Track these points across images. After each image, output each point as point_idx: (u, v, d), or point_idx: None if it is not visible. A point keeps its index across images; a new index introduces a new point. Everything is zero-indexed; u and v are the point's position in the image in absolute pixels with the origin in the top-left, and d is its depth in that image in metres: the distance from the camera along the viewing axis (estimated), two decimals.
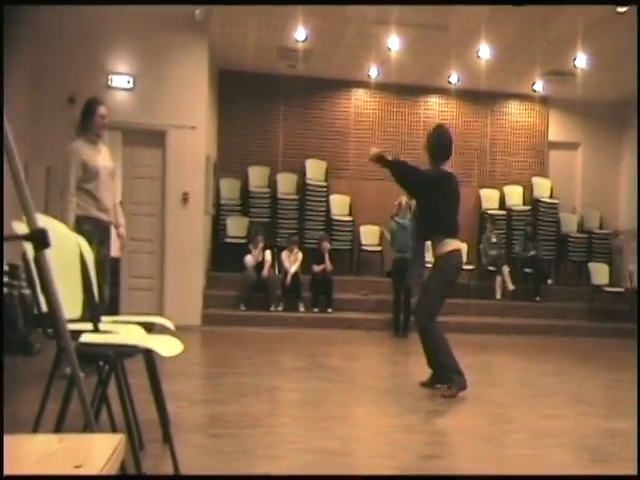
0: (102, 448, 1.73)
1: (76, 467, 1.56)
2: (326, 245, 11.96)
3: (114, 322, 4.12)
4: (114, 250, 7.03)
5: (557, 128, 14.95)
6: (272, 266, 11.75)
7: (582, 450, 4.70)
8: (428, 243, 6.79)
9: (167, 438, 3.61)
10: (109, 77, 10.53)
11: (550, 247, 14.06)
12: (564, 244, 14.19)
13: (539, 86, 13.68)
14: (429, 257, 7.07)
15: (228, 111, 13.73)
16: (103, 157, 6.44)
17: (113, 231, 6.69)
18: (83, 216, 6.22)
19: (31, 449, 1.81)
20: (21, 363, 6.79)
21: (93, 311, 3.72)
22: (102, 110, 6.39)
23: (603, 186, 14.90)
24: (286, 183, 13.66)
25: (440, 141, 6.56)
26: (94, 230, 6.17)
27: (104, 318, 4.04)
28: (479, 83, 13.39)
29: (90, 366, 3.75)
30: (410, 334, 10.37)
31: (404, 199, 10.61)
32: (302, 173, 13.74)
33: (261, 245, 11.69)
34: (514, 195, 14.49)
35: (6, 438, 1.76)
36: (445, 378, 6.34)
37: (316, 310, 11.50)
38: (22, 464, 1.65)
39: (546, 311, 12.65)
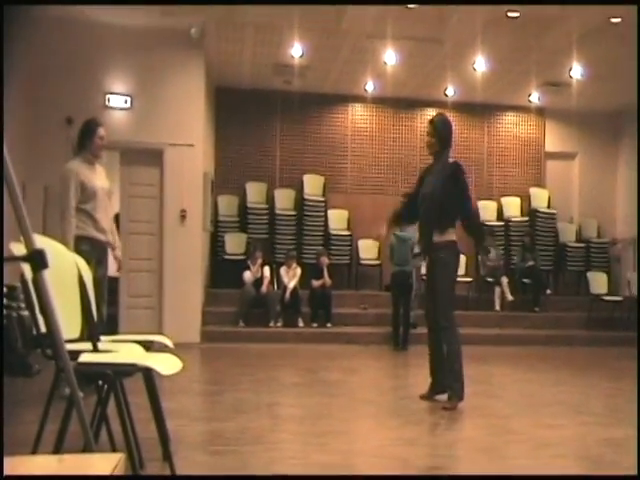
0: (101, 467, 1.74)
1: None
2: (324, 260, 11.95)
3: (113, 341, 4.13)
4: (112, 270, 7.03)
5: (554, 138, 15.00)
6: (271, 282, 11.75)
7: (583, 459, 4.71)
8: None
9: (167, 456, 3.61)
10: (106, 97, 10.58)
11: (548, 257, 14.07)
12: (562, 254, 14.20)
13: (535, 97, 13.74)
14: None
15: (225, 128, 13.78)
16: (100, 177, 6.47)
17: (110, 252, 6.71)
18: (81, 236, 6.24)
19: (30, 470, 1.82)
20: (20, 384, 6.78)
21: (92, 331, 3.73)
22: (101, 131, 6.43)
23: (600, 195, 14.93)
24: (284, 199, 13.69)
25: (445, 127, 6.59)
26: (92, 250, 6.18)
27: (103, 337, 4.05)
28: (475, 95, 13.44)
29: (89, 386, 3.76)
30: (409, 347, 10.37)
31: None
32: (300, 188, 13.78)
33: (259, 261, 11.70)
34: (512, 206, 14.52)
35: (5, 460, 1.77)
36: (445, 384, 6.32)
37: (315, 325, 11.49)
38: None
39: (545, 321, 12.65)
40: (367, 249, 13.49)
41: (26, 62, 9.86)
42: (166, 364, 3.33)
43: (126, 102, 10.65)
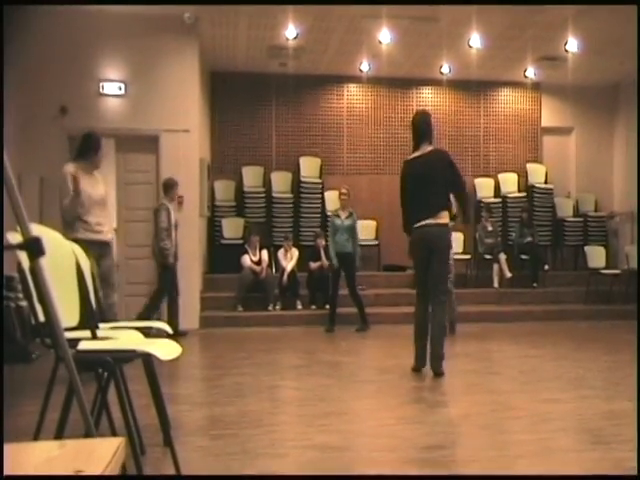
0: (102, 452, 1.75)
1: (77, 472, 1.59)
2: (322, 242, 11.92)
3: (112, 328, 4.14)
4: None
5: (550, 114, 14.96)
6: (269, 265, 11.75)
7: (583, 433, 4.75)
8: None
9: (168, 442, 3.63)
10: (100, 84, 10.52)
11: (546, 232, 14.07)
12: (560, 229, 14.21)
13: (531, 72, 13.67)
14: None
15: (221, 112, 13.75)
16: (96, 185, 6.86)
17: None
18: (74, 239, 6.33)
19: (31, 456, 1.83)
20: (20, 372, 6.81)
21: (90, 318, 3.74)
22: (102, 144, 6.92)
23: (597, 169, 14.93)
24: (280, 182, 13.67)
25: (412, 125, 7.16)
26: (88, 249, 6.25)
27: (102, 324, 4.07)
28: (471, 72, 13.41)
29: (88, 373, 3.78)
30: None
31: (344, 190, 10.75)
32: (296, 171, 13.75)
33: (257, 245, 11.68)
34: (509, 182, 14.51)
35: (7, 447, 1.78)
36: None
37: (314, 307, 11.49)
38: (22, 470, 1.68)
39: (544, 297, 12.67)
40: (364, 230, 13.48)
41: (19, 52, 9.83)
42: (165, 350, 3.34)
43: (120, 89, 10.60)
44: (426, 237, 6.67)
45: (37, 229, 2.76)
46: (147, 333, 4.05)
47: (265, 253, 11.69)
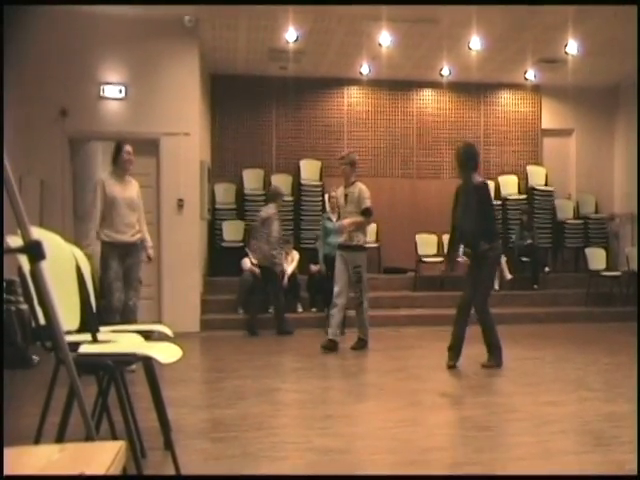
0: (103, 455, 1.76)
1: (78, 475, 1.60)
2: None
3: (113, 331, 4.15)
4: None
5: (550, 115, 14.95)
6: None
7: (584, 435, 4.75)
8: None
9: (168, 444, 3.64)
10: (101, 87, 10.50)
11: (546, 234, 14.05)
12: (560, 231, 14.18)
13: (531, 74, 13.65)
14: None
15: (221, 115, 13.74)
16: (126, 189, 7.53)
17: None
18: (102, 241, 7.35)
19: (32, 459, 1.84)
20: (20, 377, 6.80)
21: (91, 322, 3.75)
22: (127, 148, 7.56)
23: (598, 171, 14.90)
24: (281, 184, 13.58)
25: (465, 154, 8.04)
26: (112, 250, 7.30)
27: (102, 328, 4.07)
28: (471, 74, 13.38)
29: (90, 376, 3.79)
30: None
31: (334, 192, 10.67)
32: (297, 174, 13.75)
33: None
34: (509, 184, 14.50)
35: (6, 451, 1.79)
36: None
37: (314, 310, 11.45)
38: (23, 473, 1.68)
39: (544, 299, 12.65)
40: None
41: (19, 55, 9.84)
42: (166, 353, 3.34)
43: (121, 92, 10.58)
44: None
45: (37, 232, 2.76)
46: (148, 337, 4.06)
47: None
